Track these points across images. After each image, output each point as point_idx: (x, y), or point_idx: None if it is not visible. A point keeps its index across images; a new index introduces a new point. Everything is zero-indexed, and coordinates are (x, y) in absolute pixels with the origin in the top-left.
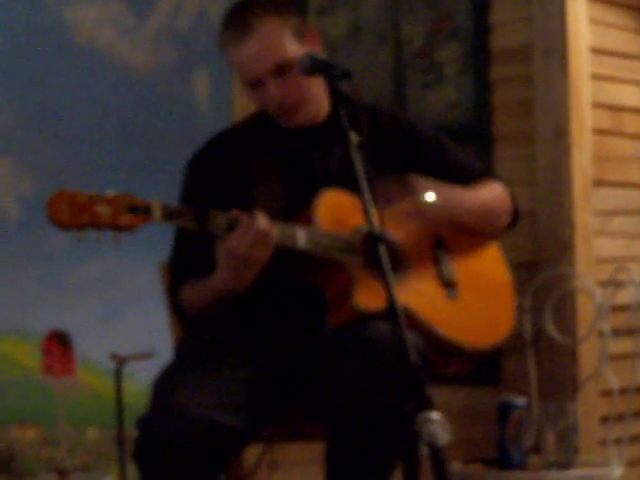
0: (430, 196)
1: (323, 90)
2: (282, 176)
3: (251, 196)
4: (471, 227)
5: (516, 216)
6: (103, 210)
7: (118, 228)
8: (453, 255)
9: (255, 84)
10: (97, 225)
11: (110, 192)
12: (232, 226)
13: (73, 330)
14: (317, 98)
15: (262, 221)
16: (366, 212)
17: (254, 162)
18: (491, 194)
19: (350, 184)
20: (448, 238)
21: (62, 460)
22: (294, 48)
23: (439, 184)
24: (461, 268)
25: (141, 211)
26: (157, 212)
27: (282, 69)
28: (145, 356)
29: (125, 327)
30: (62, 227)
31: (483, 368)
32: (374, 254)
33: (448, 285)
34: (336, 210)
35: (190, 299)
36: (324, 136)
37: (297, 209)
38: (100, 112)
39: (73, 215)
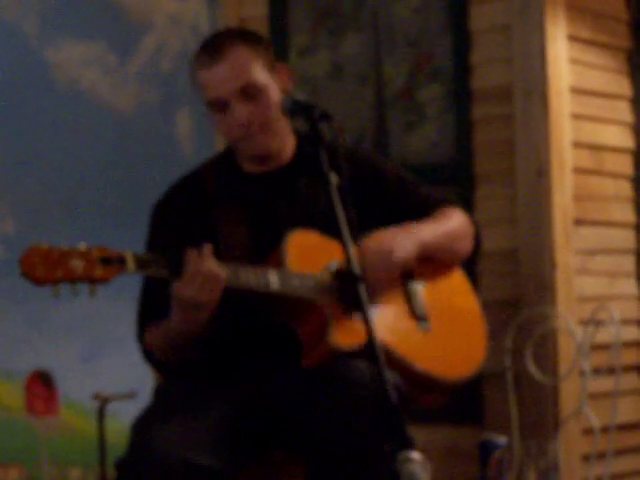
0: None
1: (288, 131)
2: (247, 221)
3: (216, 241)
4: (437, 257)
5: (478, 240)
6: (77, 264)
7: (93, 281)
8: (422, 286)
9: (220, 106)
10: (72, 279)
11: (82, 245)
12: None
13: (56, 370)
14: (282, 136)
15: (210, 263)
16: (345, 253)
17: (219, 207)
18: (453, 223)
19: (316, 223)
20: (416, 270)
21: None
22: (262, 75)
23: (403, 225)
24: (430, 299)
25: (115, 262)
26: (131, 262)
27: (248, 92)
28: (128, 396)
29: (108, 367)
30: (36, 282)
31: (464, 406)
32: (348, 292)
33: (419, 318)
34: (305, 250)
35: (153, 342)
36: (288, 179)
37: (262, 254)
38: (83, 152)
39: (47, 270)
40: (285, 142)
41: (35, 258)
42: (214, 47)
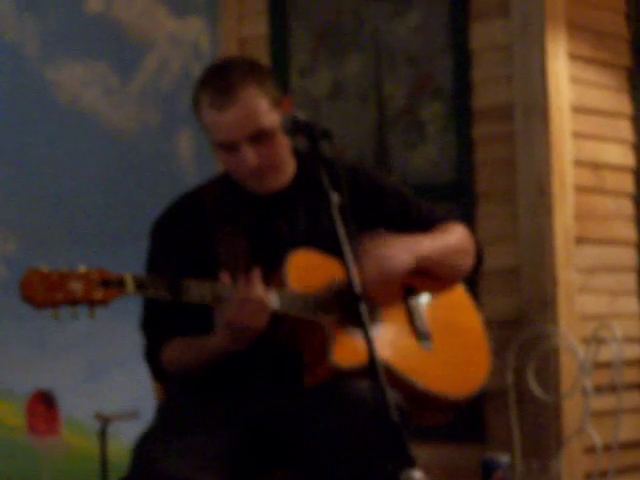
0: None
1: (290, 153)
2: (247, 242)
3: (217, 259)
4: (438, 271)
5: (480, 257)
6: (76, 286)
7: (92, 303)
8: (424, 303)
9: (228, 147)
10: (71, 302)
11: (82, 267)
12: (224, 296)
13: (57, 390)
14: (286, 163)
15: (260, 291)
16: (347, 272)
17: (219, 227)
18: (454, 237)
19: (319, 243)
20: (417, 286)
21: None
22: (271, 117)
23: (401, 236)
24: (433, 317)
25: (114, 284)
26: (130, 285)
27: (259, 136)
28: (129, 416)
29: (109, 387)
30: (36, 306)
31: (466, 425)
32: (350, 312)
33: (422, 336)
34: (306, 270)
35: (176, 359)
36: (289, 200)
37: (263, 272)
38: (84, 172)
39: (47, 294)
40: (288, 166)
41: (35, 281)
42: (222, 88)
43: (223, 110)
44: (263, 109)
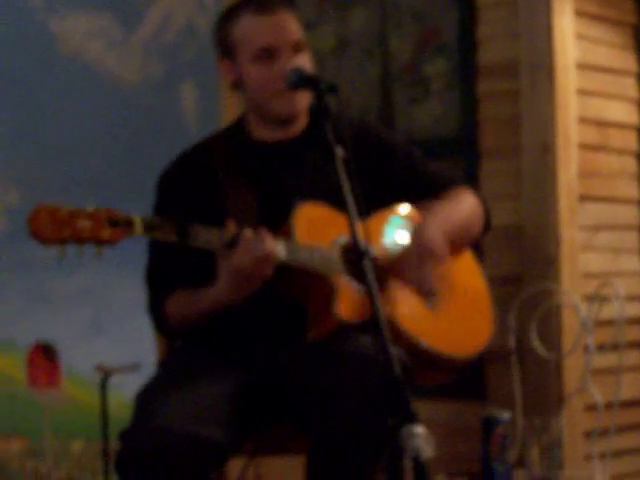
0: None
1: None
2: (255, 190)
3: (224, 210)
4: (454, 241)
5: (488, 221)
6: (84, 224)
7: (99, 242)
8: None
9: (267, 55)
10: (78, 240)
11: (90, 207)
12: (233, 243)
13: (59, 342)
14: (306, 104)
15: (268, 240)
16: (351, 227)
17: (227, 176)
18: (467, 206)
19: (325, 196)
20: None
21: (47, 472)
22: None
23: (433, 212)
24: (439, 278)
25: (122, 225)
26: (138, 225)
27: (299, 48)
28: (131, 368)
29: (111, 339)
30: (44, 242)
31: (468, 382)
32: (355, 267)
33: (427, 296)
34: (314, 223)
35: (179, 311)
36: (299, 150)
37: (270, 224)
38: (87, 124)
39: (54, 230)
40: (304, 114)
41: (43, 217)
42: (266, 2)
43: (270, 13)
44: (300, 27)
